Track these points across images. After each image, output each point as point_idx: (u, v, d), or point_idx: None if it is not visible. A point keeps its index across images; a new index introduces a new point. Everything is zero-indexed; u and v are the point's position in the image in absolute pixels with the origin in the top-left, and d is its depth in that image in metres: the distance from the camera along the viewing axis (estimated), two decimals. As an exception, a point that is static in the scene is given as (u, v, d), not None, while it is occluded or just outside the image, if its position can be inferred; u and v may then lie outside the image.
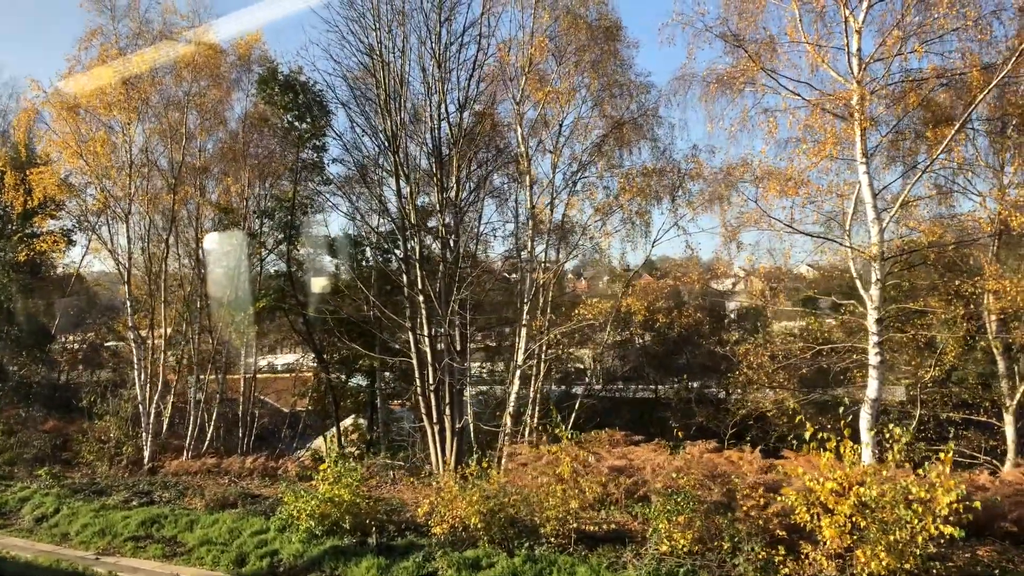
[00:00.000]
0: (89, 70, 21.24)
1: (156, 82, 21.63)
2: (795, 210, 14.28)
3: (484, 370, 26.26)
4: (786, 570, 8.92)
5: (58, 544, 14.30)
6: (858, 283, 13.87)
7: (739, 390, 19.62)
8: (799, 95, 13.92)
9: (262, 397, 28.29)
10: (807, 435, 9.10)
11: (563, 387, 25.53)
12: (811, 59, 14.22)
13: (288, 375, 30.88)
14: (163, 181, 23.01)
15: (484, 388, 24.11)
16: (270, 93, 22.94)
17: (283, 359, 32.57)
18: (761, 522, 9.52)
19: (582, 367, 27.27)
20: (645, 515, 12.43)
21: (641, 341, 23.76)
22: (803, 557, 8.97)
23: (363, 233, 26.73)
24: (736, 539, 9.68)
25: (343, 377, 25.47)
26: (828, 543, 8.63)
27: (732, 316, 25.47)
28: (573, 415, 20.14)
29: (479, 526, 11.11)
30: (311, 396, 28.04)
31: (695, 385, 22.84)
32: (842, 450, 9.10)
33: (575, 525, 10.71)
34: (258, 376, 27.28)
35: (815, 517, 8.77)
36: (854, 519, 8.44)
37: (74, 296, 31.07)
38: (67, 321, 30.22)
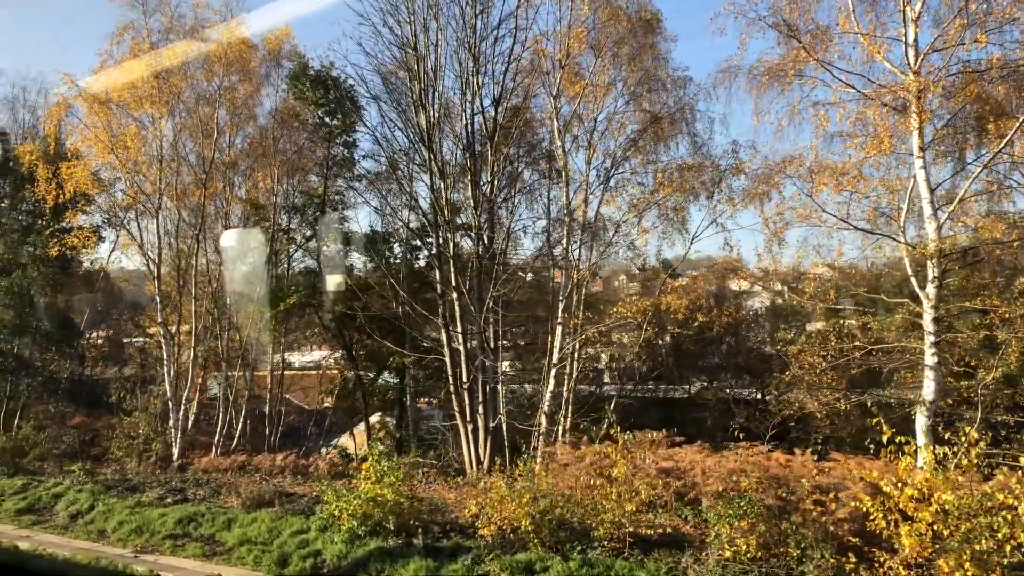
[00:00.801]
0: (121, 64, 21.14)
1: (188, 77, 21.51)
2: (846, 206, 13.89)
3: (513, 369, 25.95)
4: (860, 579, 8.55)
5: (95, 541, 14.16)
6: (913, 281, 13.45)
7: (777, 391, 19.23)
8: (853, 87, 13.50)
9: (287, 396, 28.13)
10: (885, 438, 8.66)
11: (591, 387, 25.18)
12: (865, 51, 13.81)
13: (313, 372, 30.70)
14: (192, 176, 22.92)
15: (514, 387, 23.79)
16: (301, 88, 22.73)
17: (308, 356, 32.38)
18: (831, 527, 9.14)
19: (600, 367, 26.91)
20: (697, 519, 12.14)
21: (667, 340, 23.34)
22: (877, 566, 8.59)
23: (391, 230, 26.53)
24: (803, 545, 9.31)
25: (371, 375, 25.23)
26: (907, 552, 8.25)
27: (763, 314, 24.93)
28: (607, 415, 19.75)
29: (529, 529, 10.80)
30: (337, 394, 27.85)
31: (732, 383, 22.39)
32: (915, 455, 8.70)
33: (631, 529, 10.37)
34: (284, 373, 27.11)
35: (893, 524, 8.37)
36: (935, 527, 8.05)
37: (99, 292, 31.11)
38: (93, 317, 30.23)
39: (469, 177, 20.06)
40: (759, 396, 22.30)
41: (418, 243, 25.92)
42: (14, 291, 23.26)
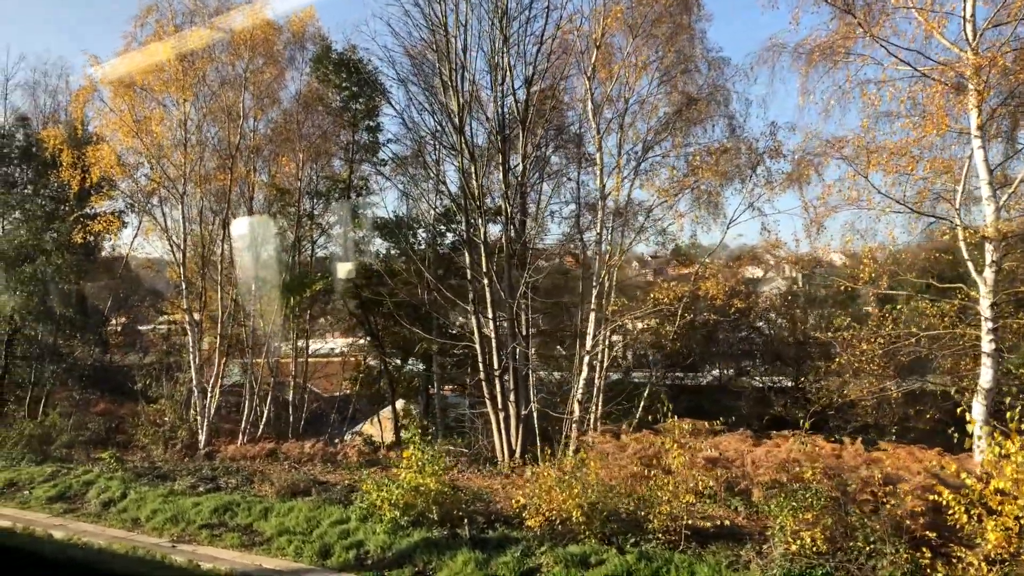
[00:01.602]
0: (145, 47, 20.82)
1: (213, 59, 21.17)
2: (900, 188, 13.42)
3: (539, 356, 25.62)
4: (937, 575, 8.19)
5: (129, 530, 13.97)
6: (970, 266, 12.99)
7: (816, 378, 18.82)
8: (909, 64, 12.98)
9: (307, 383, 27.92)
10: (971, 428, 8.23)
11: (619, 374, 24.82)
12: (921, 26, 13.25)
13: (337, 359, 30.50)
14: (216, 161, 22.64)
15: (541, 374, 23.46)
16: (324, 71, 22.34)
17: (331, 343, 32.16)
18: (908, 521, 8.77)
19: (629, 353, 26.50)
20: (749, 509, 11.81)
21: (702, 327, 22.94)
22: (956, 561, 8.23)
23: (415, 215, 26.21)
24: (871, 539, 8.95)
25: (397, 362, 24.95)
26: (990, 547, 7.87)
27: (801, 301, 24.36)
28: (641, 403, 19.45)
29: (580, 520, 10.49)
30: (360, 381, 27.63)
31: (766, 369, 21.96)
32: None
33: (687, 521, 10.04)
34: (308, 360, 26.90)
35: (976, 519, 7.98)
36: (1022, 521, 7.67)
37: (120, 279, 30.96)
38: (114, 304, 30.11)
39: (499, 161, 19.70)
40: (794, 384, 21.88)
41: (442, 228, 25.58)
42: (38, 278, 23.08)
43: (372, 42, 55.93)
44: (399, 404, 27.19)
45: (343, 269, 22.78)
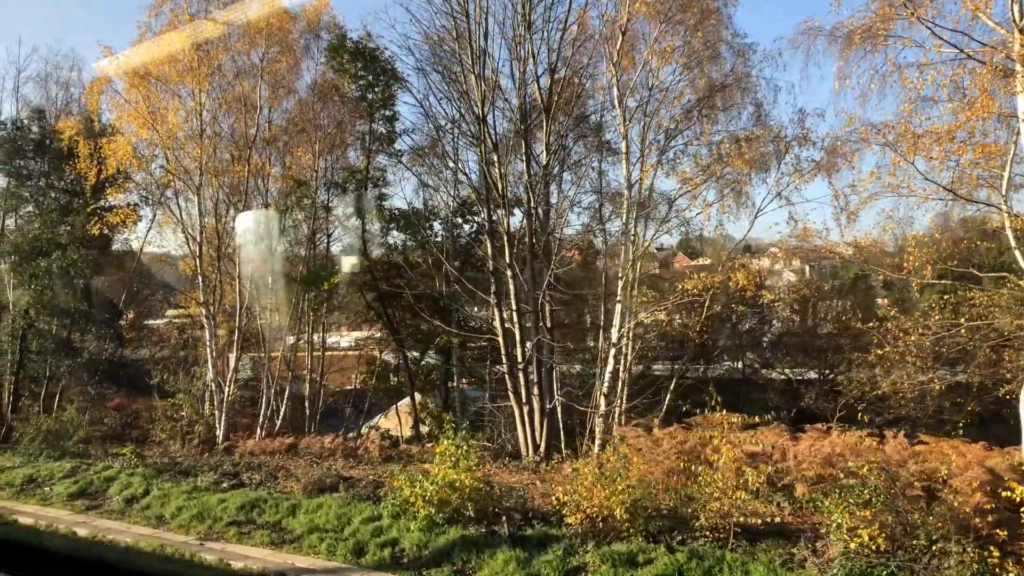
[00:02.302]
0: (160, 37, 20.48)
1: (229, 48, 20.82)
2: (945, 174, 13.03)
3: (562, 349, 25.30)
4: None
5: (154, 527, 13.70)
6: (1017, 255, 12.61)
7: (847, 370, 18.51)
8: (954, 46, 12.57)
9: (324, 377, 27.65)
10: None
11: (641, 366, 24.46)
12: (964, 7, 12.84)
13: (352, 353, 30.24)
14: (231, 152, 22.33)
15: (563, 368, 23.14)
16: (339, 61, 21.95)
17: (345, 337, 31.91)
18: (977, 519, 8.43)
19: (653, 345, 26.12)
20: (793, 505, 11.49)
21: (731, 318, 22.60)
22: (1028, 560, 7.91)
23: (432, 206, 25.89)
24: (933, 537, 8.62)
25: (414, 354, 24.66)
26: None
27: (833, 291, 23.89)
28: (668, 396, 19.16)
29: (624, 518, 10.17)
30: (377, 374, 27.39)
31: (797, 361, 21.59)
32: None
33: (738, 518, 9.71)
34: (324, 354, 26.65)
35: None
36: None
37: (133, 273, 30.73)
38: (128, 297, 29.86)
39: (521, 150, 19.36)
40: (819, 376, 21.52)
41: (459, 220, 25.25)
42: (53, 272, 22.82)
43: (391, 29, 55.84)
44: (418, 398, 26.94)
45: (360, 262, 22.46)
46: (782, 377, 21.05)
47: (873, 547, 8.72)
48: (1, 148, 23.92)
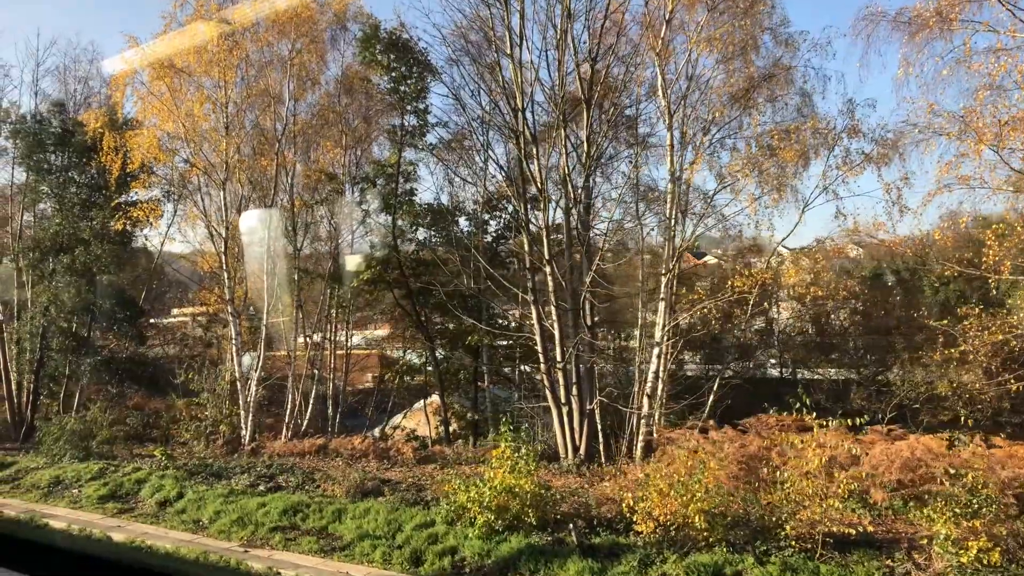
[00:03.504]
0: (186, 28, 19.92)
1: (256, 39, 20.27)
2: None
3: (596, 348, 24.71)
4: None
5: (193, 533, 13.17)
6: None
7: (902, 370, 17.92)
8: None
9: (348, 376, 27.10)
10: None
11: (672, 365, 23.85)
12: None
13: (368, 352, 29.67)
14: (256, 145, 21.80)
15: (602, 367, 22.51)
16: (372, 52, 21.33)
17: (364, 335, 31.31)
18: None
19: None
20: (872, 513, 10.89)
21: (779, 315, 22.00)
22: None
23: (458, 202, 25.35)
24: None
25: (440, 353, 24.05)
26: None
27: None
28: (711, 396, 18.54)
29: (702, 526, 9.59)
30: (402, 373, 26.83)
31: (828, 358, 20.98)
32: None
33: (831, 527, 9.12)
34: (349, 353, 26.12)
35: None
36: None
37: (155, 270, 30.21)
38: (149, 295, 29.33)
39: (559, 142, 18.80)
40: (861, 376, 20.86)
41: (485, 217, 24.67)
42: (76, 268, 22.27)
43: (425, 18, 55.56)
44: (438, 398, 26.39)
45: (391, 258, 21.86)
46: (817, 377, 20.48)
47: (985, 561, 8.13)
48: (22, 142, 23.34)
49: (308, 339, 23.76)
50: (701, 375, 21.99)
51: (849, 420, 10.15)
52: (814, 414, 9.74)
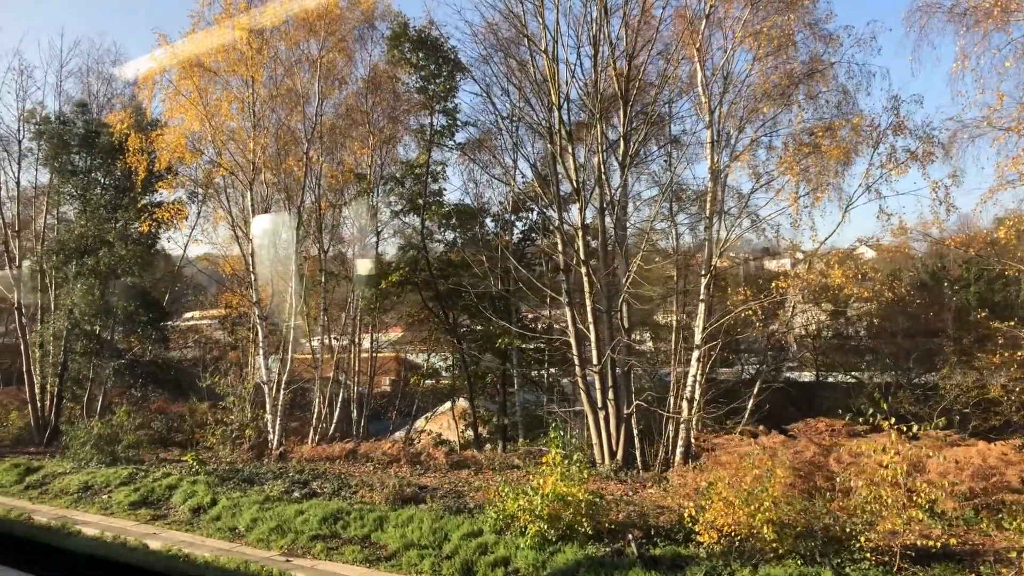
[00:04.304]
0: (214, 26, 19.66)
1: (285, 37, 19.98)
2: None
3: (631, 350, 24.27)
4: None
5: (231, 541, 12.80)
6: None
7: (949, 373, 17.42)
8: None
9: (373, 380, 26.76)
10: None
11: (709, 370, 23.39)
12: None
13: (388, 355, 29.34)
14: (283, 145, 21.50)
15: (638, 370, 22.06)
16: (400, 51, 21.03)
17: (385, 337, 31.00)
18: None
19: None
20: (943, 523, 10.42)
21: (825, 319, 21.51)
22: None
23: (483, 203, 24.98)
24: None
25: (472, 355, 23.69)
26: None
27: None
28: (751, 400, 18.11)
29: (771, 537, 9.14)
30: (426, 375, 26.51)
31: (867, 361, 20.50)
32: None
33: (913, 540, 8.65)
34: (375, 356, 25.77)
35: None
36: None
37: (179, 272, 30.02)
38: (172, 297, 29.11)
39: (594, 140, 18.41)
40: (900, 379, 20.37)
41: (512, 217, 24.30)
42: (100, 271, 22.02)
43: (456, 15, 55.31)
44: (462, 402, 26.03)
45: (419, 259, 21.51)
46: (852, 380, 19.96)
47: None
48: (47, 143, 23.14)
49: (334, 341, 23.42)
50: (735, 379, 21.55)
51: (913, 426, 9.63)
52: (892, 419, 9.20)
